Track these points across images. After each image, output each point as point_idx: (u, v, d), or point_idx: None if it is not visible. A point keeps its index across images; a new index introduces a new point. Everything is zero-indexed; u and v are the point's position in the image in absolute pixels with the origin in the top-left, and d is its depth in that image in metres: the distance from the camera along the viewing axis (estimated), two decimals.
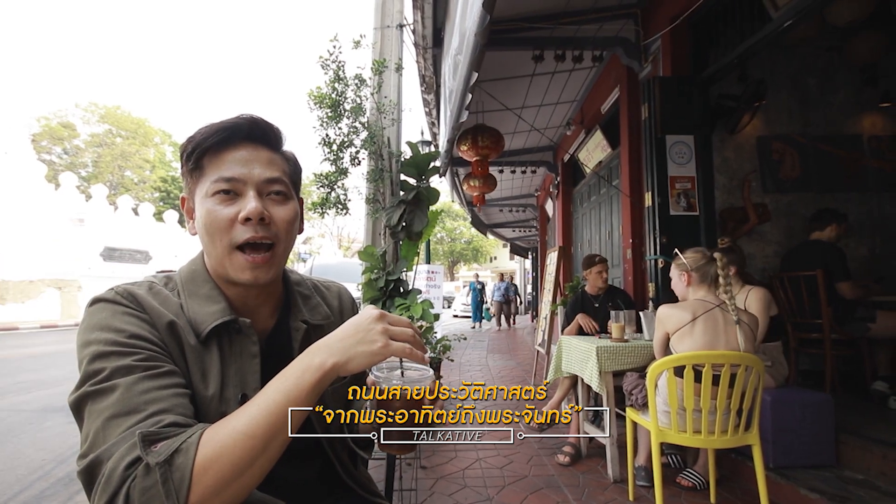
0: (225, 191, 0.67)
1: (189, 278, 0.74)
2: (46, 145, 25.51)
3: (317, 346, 0.60)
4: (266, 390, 0.57)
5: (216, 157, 0.68)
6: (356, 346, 0.59)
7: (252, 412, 0.54)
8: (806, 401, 2.33)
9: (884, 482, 2.08)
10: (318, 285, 0.92)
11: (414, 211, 3.77)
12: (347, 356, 0.58)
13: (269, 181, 0.70)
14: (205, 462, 0.50)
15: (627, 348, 2.52)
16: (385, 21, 4.25)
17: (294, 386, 0.56)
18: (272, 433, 0.54)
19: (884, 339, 2.83)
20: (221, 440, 0.52)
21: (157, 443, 0.51)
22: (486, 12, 1.99)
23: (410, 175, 3.88)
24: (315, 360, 0.57)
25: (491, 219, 13.26)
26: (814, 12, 2.62)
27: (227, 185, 0.67)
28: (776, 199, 3.91)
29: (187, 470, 0.50)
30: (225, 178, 0.67)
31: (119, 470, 0.50)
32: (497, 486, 2.42)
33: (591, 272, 3.46)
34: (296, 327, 0.80)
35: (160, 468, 0.49)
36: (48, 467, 2.78)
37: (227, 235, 0.67)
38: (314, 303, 0.86)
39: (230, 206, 0.67)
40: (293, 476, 0.77)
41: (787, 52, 3.99)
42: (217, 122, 0.69)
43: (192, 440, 0.52)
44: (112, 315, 0.63)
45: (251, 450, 0.52)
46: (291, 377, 0.57)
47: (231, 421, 0.54)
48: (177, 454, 0.50)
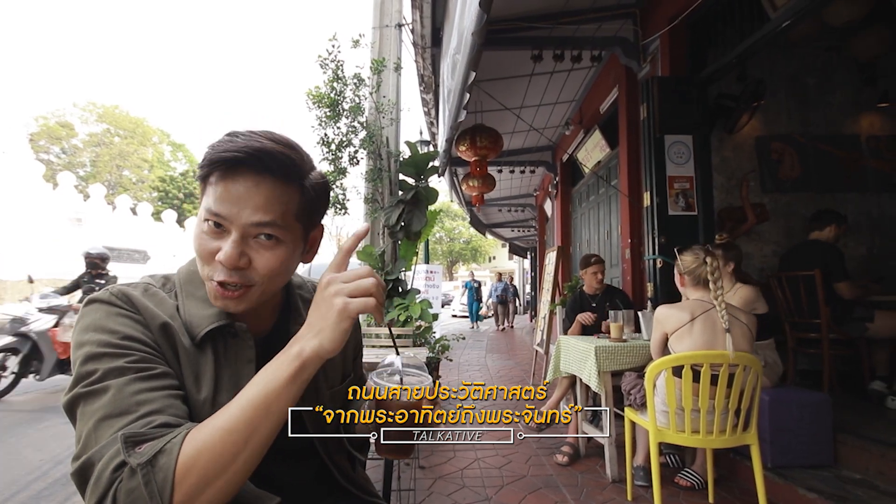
0: (215, 223, 0.64)
1: (187, 279, 0.73)
2: (44, 145, 25.48)
3: (294, 338, 0.59)
4: (247, 386, 0.56)
5: (221, 180, 0.63)
6: (321, 322, 0.57)
7: (231, 408, 0.54)
8: (804, 400, 2.34)
9: (882, 481, 2.09)
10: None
11: (412, 211, 3.77)
12: (318, 338, 0.57)
13: (258, 225, 0.63)
14: (187, 461, 0.50)
15: (626, 348, 2.52)
16: (384, 20, 4.25)
17: (272, 377, 0.55)
18: (251, 427, 0.53)
19: (882, 338, 2.83)
20: (202, 438, 0.52)
21: (143, 444, 0.51)
22: (484, 12, 1.98)
23: (409, 175, 3.88)
24: (292, 351, 0.57)
25: (490, 219, 13.25)
26: (812, 12, 2.62)
27: (215, 219, 0.63)
28: (775, 199, 3.91)
29: (170, 471, 0.49)
30: (213, 211, 0.63)
31: (107, 472, 0.50)
32: (495, 485, 2.42)
33: (587, 272, 3.48)
34: (294, 332, 0.78)
35: (142, 469, 0.49)
36: (45, 468, 2.77)
37: (206, 265, 0.66)
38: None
39: (215, 240, 0.65)
40: (290, 476, 0.77)
41: (786, 52, 4.00)
42: (235, 138, 0.64)
43: (177, 440, 0.52)
44: (106, 316, 0.62)
45: (232, 445, 0.52)
46: (269, 369, 0.57)
47: (213, 419, 0.54)
48: (160, 455, 0.50)
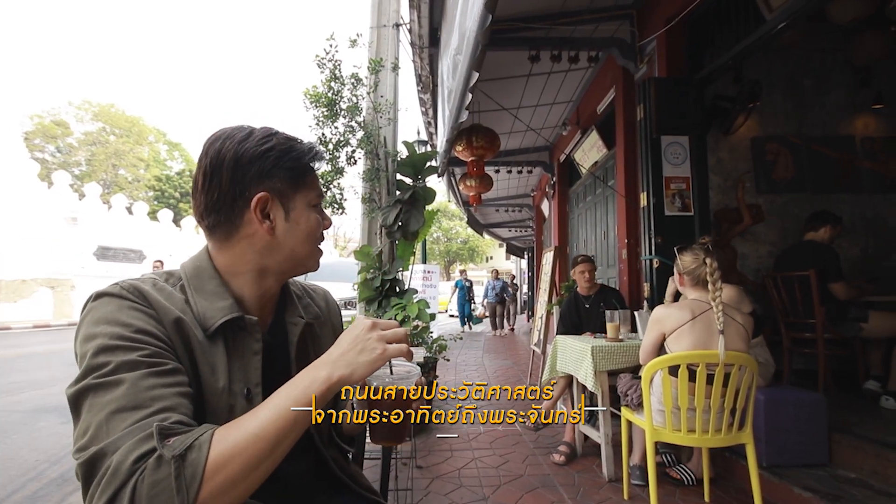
0: (317, 205, 0.82)
1: (194, 274, 0.75)
2: (39, 143, 25.29)
3: (322, 360, 0.64)
4: (276, 396, 0.60)
5: (313, 174, 0.81)
6: (357, 356, 0.64)
7: (263, 416, 0.57)
8: (799, 400, 2.35)
9: (876, 481, 2.10)
10: (306, 287, 0.97)
11: (410, 211, 3.77)
12: (351, 368, 0.63)
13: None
14: (218, 460, 0.52)
15: (622, 348, 2.53)
16: (381, 20, 4.25)
17: (302, 394, 0.59)
18: (281, 437, 0.57)
19: (876, 338, 2.85)
20: (235, 440, 0.54)
21: (171, 437, 0.52)
22: (488, 12, 1.97)
23: (407, 175, 3.88)
24: (321, 373, 0.61)
25: (487, 219, 13.26)
26: (808, 14, 2.64)
27: (318, 201, 0.82)
28: (770, 200, 3.93)
29: (200, 467, 0.51)
30: (319, 194, 0.82)
31: (127, 463, 0.50)
32: (493, 485, 2.42)
33: (575, 272, 3.53)
34: (293, 322, 0.84)
35: (174, 462, 0.50)
36: (41, 468, 2.76)
37: (318, 237, 0.82)
38: (305, 302, 0.91)
39: (319, 216, 0.82)
40: (289, 469, 0.78)
41: (782, 54, 4.02)
42: (301, 141, 0.80)
43: (205, 438, 0.53)
44: (118, 309, 0.63)
45: (261, 452, 0.55)
46: (300, 386, 0.60)
47: (243, 423, 0.57)
48: (190, 450, 0.51)
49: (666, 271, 3.11)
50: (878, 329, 2.78)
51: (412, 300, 3.66)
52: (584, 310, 3.45)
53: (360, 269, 3.88)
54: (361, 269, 3.86)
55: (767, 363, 2.51)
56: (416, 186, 3.80)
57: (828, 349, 2.92)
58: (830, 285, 2.87)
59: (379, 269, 3.81)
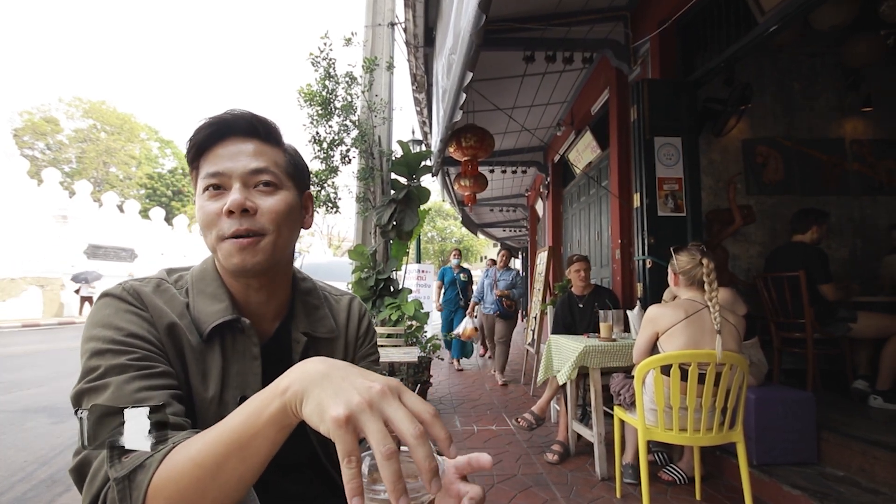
0: (214, 185, 0.67)
1: (199, 276, 0.73)
2: (29, 140, 24.98)
3: (299, 364, 0.48)
4: (232, 413, 0.49)
5: (209, 153, 0.68)
6: (325, 386, 0.43)
7: (208, 436, 0.48)
8: (789, 399, 2.38)
9: (864, 479, 2.13)
10: (329, 296, 0.88)
11: (404, 210, 3.77)
12: (307, 391, 0.43)
13: (255, 172, 0.67)
14: (158, 485, 0.47)
15: (615, 347, 2.55)
16: (376, 19, 4.24)
17: (255, 411, 0.46)
18: (220, 461, 0.46)
19: (864, 338, 2.89)
20: (174, 464, 0.48)
21: (129, 453, 0.50)
22: (482, 12, 1.98)
23: (401, 174, 3.88)
24: (282, 383, 0.46)
25: (481, 218, 13.27)
26: (799, 17, 2.67)
27: (214, 180, 0.66)
28: (760, 202, 3.98)
29: (142, 490, 0.47)
30: (211, 172, 0.67)
31: (101, 473, 0.50)
32: (486, 484, 2.43)
33: (570, 271, 3.56)
34: (296, 339, 0.77)
35: (118, 484, 0.48)
36: (30, 469, 2.73)
37: (215, 228, 0.66)
38: (320, 315, 0.82)
39: (217, 201, 0.67)
40: (293, 490, 0.76)
41: (773, 57, 4.07)
42: (212, 117, 0.69)
43: (157, 457, 0.49)
44: (115, 312, 0.62)
45: (198, 480, 0.47)
46: (257, 399, 0.47)
47: (189, 445, 0.49)
48: (138, 471, 0.48)
49: (659, 271, 3.13)
50: (867, 329, 2.82)
51: (406, 299, 3.66)
52: (577, 310, 3.47)
53: (354, 269, 3.88)
54: (356, 269, 3.86)
55: (760, 363, 2.54)
56: (410, 186, 3.80)
57: (817, 349, 2.96)
58: (819, 287, 2.91)
59: (373, 269, 3.81)
